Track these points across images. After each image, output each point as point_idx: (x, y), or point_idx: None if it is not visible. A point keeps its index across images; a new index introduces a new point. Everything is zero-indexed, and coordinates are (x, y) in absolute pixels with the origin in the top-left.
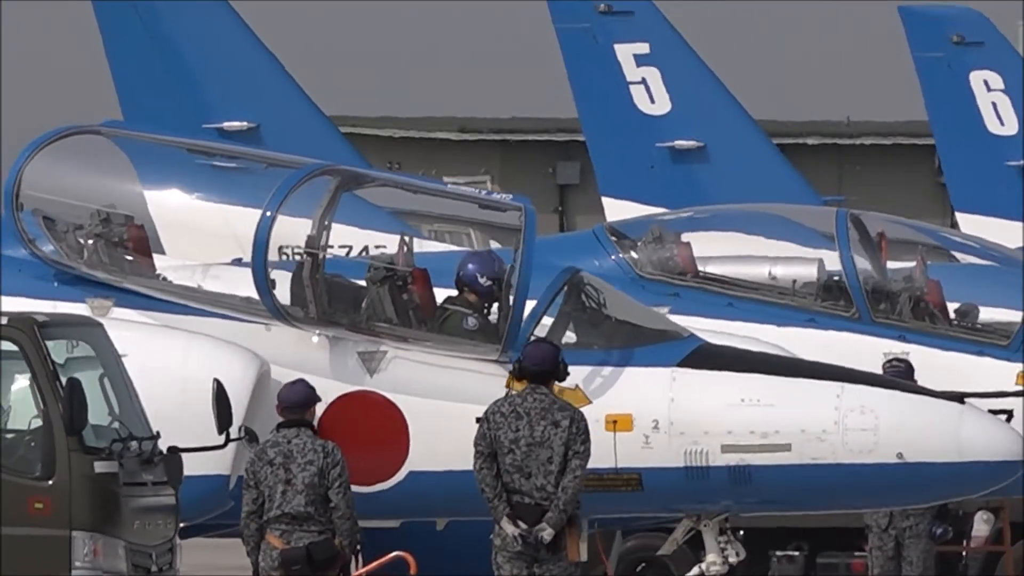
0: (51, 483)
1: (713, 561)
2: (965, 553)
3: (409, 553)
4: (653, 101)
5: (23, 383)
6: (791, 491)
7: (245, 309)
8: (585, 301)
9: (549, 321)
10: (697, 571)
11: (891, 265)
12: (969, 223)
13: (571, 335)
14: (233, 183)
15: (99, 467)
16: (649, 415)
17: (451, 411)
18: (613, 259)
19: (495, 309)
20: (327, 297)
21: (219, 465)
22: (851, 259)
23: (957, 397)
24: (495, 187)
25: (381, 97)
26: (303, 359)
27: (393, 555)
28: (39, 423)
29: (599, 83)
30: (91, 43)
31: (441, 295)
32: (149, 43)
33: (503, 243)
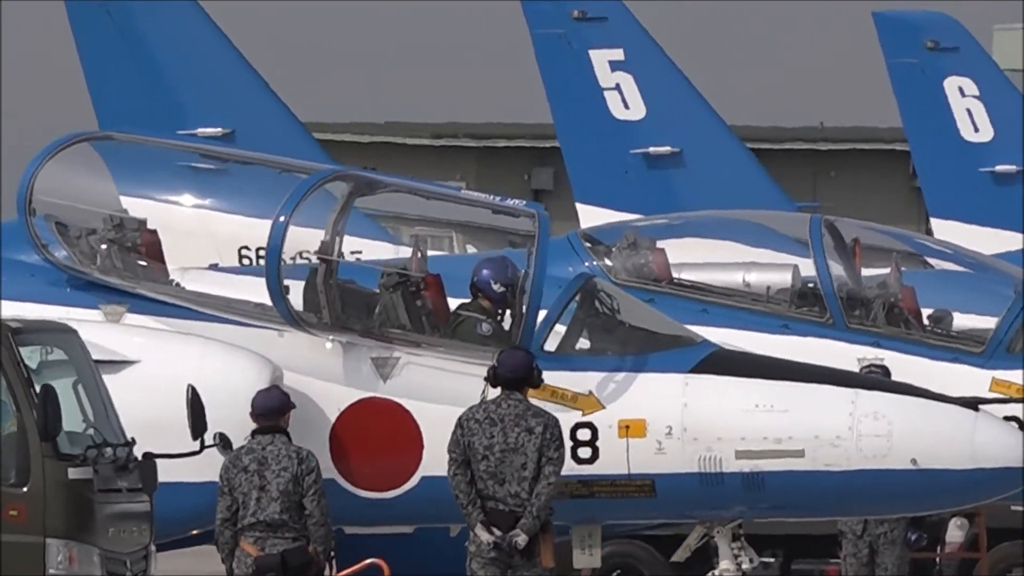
0: (25, 490)
1: (727, 568)
2: (939, 559)
3: (383, 560)
4: (627, 107)
5: None
6: (805, 497)
7: (258, 315)
8: (598, 307)
9: (562, 327)
10: None
11: (865, 271)
12: (944, 229)
13: (584, 341)
14: (245, 188)
15: (73, 473)
16: (662, 421)
17: None
18: (587, 265)
19: (508, 315)
20: (340, 303)
21: None
22: (825, 265)
23: (971, 404)
24: None
25: (357, 102)
26: (316, 365)
27: (367, 562)
28: (13, 429)
29: (574, 89)
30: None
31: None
32: (122, 47)
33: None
